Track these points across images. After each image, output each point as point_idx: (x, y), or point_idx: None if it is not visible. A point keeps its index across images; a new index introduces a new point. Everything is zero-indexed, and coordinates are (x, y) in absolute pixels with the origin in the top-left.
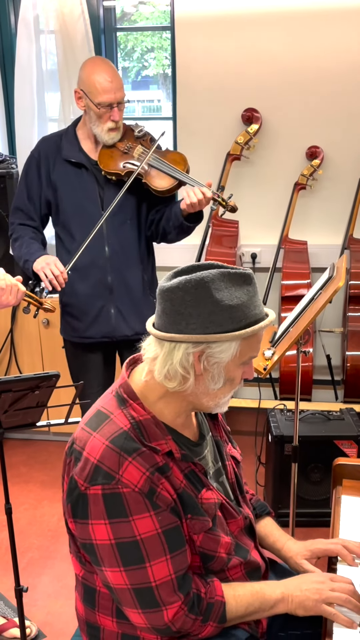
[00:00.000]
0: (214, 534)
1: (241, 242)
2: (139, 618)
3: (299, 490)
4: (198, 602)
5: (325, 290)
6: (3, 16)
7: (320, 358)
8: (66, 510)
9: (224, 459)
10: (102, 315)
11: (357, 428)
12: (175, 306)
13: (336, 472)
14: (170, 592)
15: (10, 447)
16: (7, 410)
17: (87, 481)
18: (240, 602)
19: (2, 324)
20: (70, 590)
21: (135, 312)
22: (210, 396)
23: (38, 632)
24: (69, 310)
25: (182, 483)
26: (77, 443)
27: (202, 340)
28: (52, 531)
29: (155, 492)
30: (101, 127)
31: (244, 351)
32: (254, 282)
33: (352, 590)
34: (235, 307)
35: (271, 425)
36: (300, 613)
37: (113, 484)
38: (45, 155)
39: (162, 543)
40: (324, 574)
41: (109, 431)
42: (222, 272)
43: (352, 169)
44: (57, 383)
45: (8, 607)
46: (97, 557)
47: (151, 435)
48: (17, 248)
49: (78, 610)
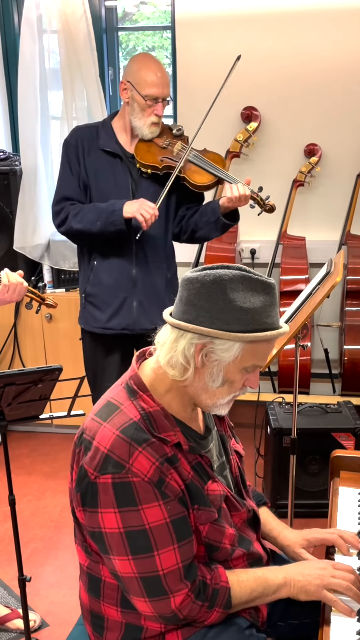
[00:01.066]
0: (219, 525)
1: (240, 237)
2: (145, 606)
3: (297, 482)
4: (204, 588)
5: (323, 285)
6: (7, 16)
7: (318, 352)
8: (75, 499)
9: (228, 453)
10: (124, 307)
11: (354, 421)
12: (191, 296)
13: (334, 464)
14: (177, 580)
15: (14, 440)
16: (10, 403)
17: (97, 470)
18: (244, 587)
19: (6, 318)
20: (72, 580)
21: (156, 307)
22: (208, 394)
23: (41, 622)
24: (92, 300)
25: (189, 474)
26: (87, 433)
27: (206, 333)
28: (55, 522)
29: (165, 482)
30: (144, 120)
31: (246, 357)
32: (273, 293)
33: (353, 579)
34: (246, 310)
35: (270, 417)
36: (302, 598)
37: (123, 473)
38: (81, 143)
39: (170, 532)
40: (326, 561)
41: (120, 421)
42: (243, 275)
43: (349, 166)
44: (59, 376)
45: (12, 597)
46: (105, 545)
47: (160, 427)
48: (86, 214)
49: (82, 599)
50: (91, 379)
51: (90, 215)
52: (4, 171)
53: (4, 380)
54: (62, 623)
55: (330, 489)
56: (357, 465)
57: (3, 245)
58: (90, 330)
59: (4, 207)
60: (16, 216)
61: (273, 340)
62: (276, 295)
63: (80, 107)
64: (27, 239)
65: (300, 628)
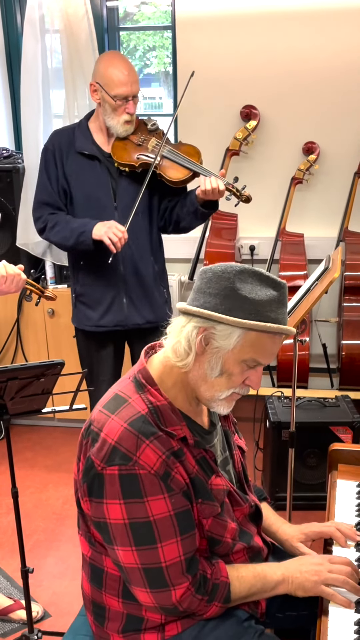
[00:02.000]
0: (222, 519)
1: (240, 234)
2: (147, 597)
3: (296, 475)
4: (204, 583)
5: (321, 281)
6: (10, 16)
7: (317, 347)
8: (81, 490)
9: (231, 448)
10: (115, 304)
11: (352, 414)
12: (202, 285)
13: (332, 457)
14: (179, 573)
15: (17, 433)
16: (13, 397)
17: (104, 461)
18: (244, 583)
19: (9, 313)
20: (74, 571)
21: (146, 301)
22: (207, 385)
23: (44, 612)
24: (83, 299)
25: (194, 468)
26: (95, 425)
27: (207, 316)
28: (57, 514)
29: (170, 476)
30: (117, 120)
31: (246, 348)
32: (283, 292)
33: (350, 572)
34: (251, 300)
35: (269, 411)
36: (300, 594)
37: (130, 465)
38: (59, 147)
39: (173, 525)
40: (323, 556)
41: (127, 414)
42: (255, 271)
43: (347, 164)
44: (61, 371)
45: (14, 588)
46: (109, 535)
47: (167, 421)
48: (60, 231)
49: (84, 589)
50: (87, 374)
51: (63, 232)
52: (6, 169)
53: (7, 375)
54: (64, 614)
55: (329, 482)
56: (355, 458)
57: (6, 241)
58: (83, 328)
59: (7, 204)
60: (19, 213)
61: (277, 338)
62: (286, 295)
63: (82, 106)
64: (30, 235)
65: (298, 619)
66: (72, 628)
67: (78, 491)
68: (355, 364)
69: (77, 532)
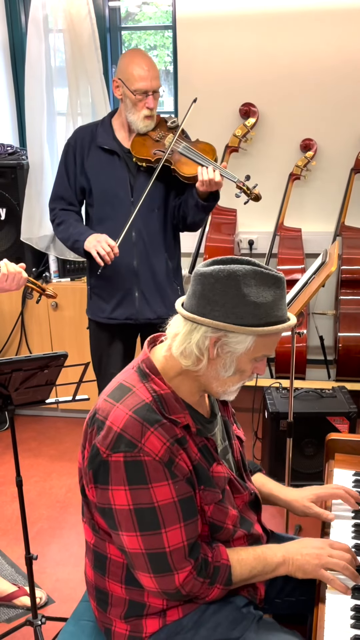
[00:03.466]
0: (223, 506)
1: (239, 229)
2: (150, 582)
3: (294, 464)
4: (205, 566)
5: (318, 275)
6: (14, 16)
7: (314, 339)
8: (86, 477)
9: (231, 438)
10: (127, 298)
11: (348, 405)
12: (205, 291)
13: (329, 446)
14: (182, 558)
15: (21, 423)
16: (18, 388)
17: (109, 449)
18: (244, 565)
19: (14, 307)
20: (77, 558)
21: (158, 297)
22: (219, 382)
23: (47, 599)
24: (97, 291)
25: (197, 456)
26: (100, 413)
27: (221, 327)
28: (61, 502)
29: (174, 462)
30: (137, 115)
31: (258, 347)
32: (283, 287)
33: (350, 559)
34: (259, 304)
35: (267, 402)
36: (300, 576)
37: (135, 451)
38: (80, 143)
39: (177, 511)
40: (324, 540)
41: (132, 402)
42: (255, 270)
43: (343, 161)
44: (65, 362)
45: (19, 575)
46: (114, 521)
47: (171, 409)
48: (62, 231)
49: (87, 575)
50: (96, 365)
51: (63, 233)
52: (11, 165)
53: (12, 366)
54: (67, 599)
55: (326, 471)
56: (351, 447)
57: (11, 236)
58: (96, 320)
59: (12, 199)
60: (23, 208)
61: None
62: (285, 288)
63: (84, 104)
64: (34, 230)
65: (296, 605)
66: (75, 613)
67: (83, 479)
68: (352, 355)
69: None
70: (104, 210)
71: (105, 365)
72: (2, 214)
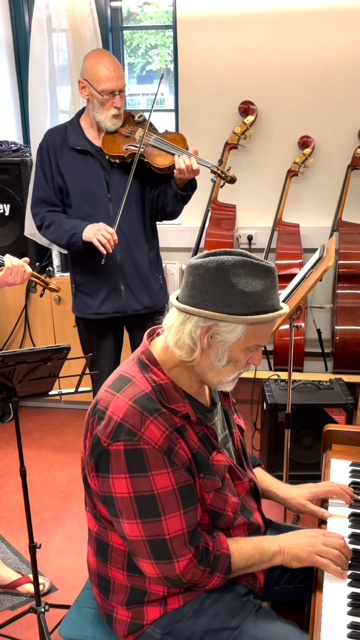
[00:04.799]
0: (223, 493)
1: (238, 224)
2: (151, 568)
3: (292, 455)
4: (206, 554)
5: (315, 270)
6: (18, 16)
7: (312, 332)
8: (88, 466)
9: (231, 427)
10: (114, 293)
11: (345, 397)
12: (196, 282)
13: (326, 437)
14: (182, 545)
15: (25, 415)
16: (21, 380)
17: (110, 437)
18: (243, 554)
19: (17, 301)
20: (79, 547)
21: (143, 288)
22: (214, 372)
23: (51, 586)
24: (82, 289)
25: (196, 444)
26: (101, 403)
27: (211, 317)
28: (63, 492)
29: (173, 451)
30: (105, 114)
31: (250, 337)
32: (274, 277)
33: (343, 545)
34: (248, 293)
35: (266, 394)
36: (295, 565)
37: (135, 440)
38: (52, 145)
39: (177, 499)
40: (317, 530)
41: (132, 392)
42: (245, 260)
43: (340, 157)
44: (67, 355)
45: (22, 563)
46: (115, 509)
47: (170, 398)
48: (54, 230)
49: (90, 563)
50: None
51: (57, 232)
52: (15, 162)
53: (16, 359)
54: (70, 587)
55: (323, 461)
56: (348, 438)
57: (15, 231)
58: (84, 317)
59: (16, 195)
60: (27, 204)
61: (274, 320)
62: (276, 278)
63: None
64: None
65: (294, 592)
66: (77, 600)
67: (85, 468)
68: (349, 348)
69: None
70: (82, 209)
71: (97, 359)
72: (7, 210)
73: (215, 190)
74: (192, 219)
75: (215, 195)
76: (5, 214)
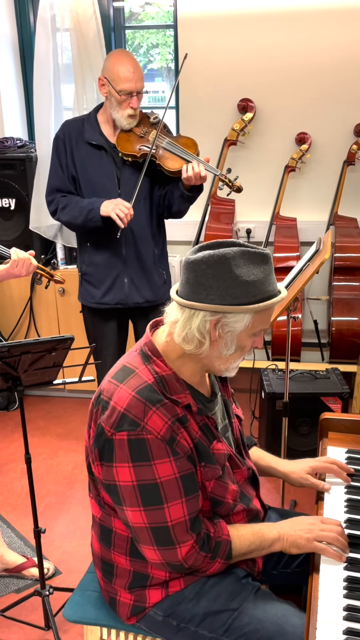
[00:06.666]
0: (223, 481)
1: (237, 218)
2: (154, 555)
3: (289, 442)
4: (207, 540)
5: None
6: (23, 16)
7: (308, 323)
8: (92, 455)
9: (230, 416)
10: (117, 284)
11: (341, 386)
12: (198, 277)
13: (322, 425)
14: (184, 531)
15: (30, 403)
16: (27, 370)
17: (113, 427)
18: (243, 540)
19: (23, 292)
20: (83, 532)
21: (146, 282)
22: (222, 360)
23: (55, 570)
24: (87, 278)
25: (197, 434)
26: (104, 394)
27: (219, 310)
28: (67, 479)
29: (175, 440)
30: (121, 113)
31: (256, 323)
32: (271, 262)
33: (340, 531)
34: (252, 283)
35: (264, 383)
36: (294, 551)
37: (138, 430)
38: (69, 136)
39: (179, 487)
40: (315, 517)
41: (135, 383)
42: (243, 250)
43: (336, 153)
44: (71, 345)
45: (28, 547)
46: (119, 497)
47: (172, 389)
48: (70, 211)
49: (94, 548)
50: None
51: (73, 211)
52: (20, 158)
53: (21, 349)
54: (73, 571)
55: (319, 448)
56: (344, 426)
57: (20, 225)
58: (88, 305)
59: (21, 190)
60: (32, 199)
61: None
62: (272, 263)
63: (90, 99)
64: (42, 219)
65: (292, 576)
66: (81, 584)
67: (89, 456)
68: (344, 338)
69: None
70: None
71: (101, 347)
72: (12, 204)
73: (215, 185)
74: (192, 213)
75: (215, 189)
76: (11, 208)
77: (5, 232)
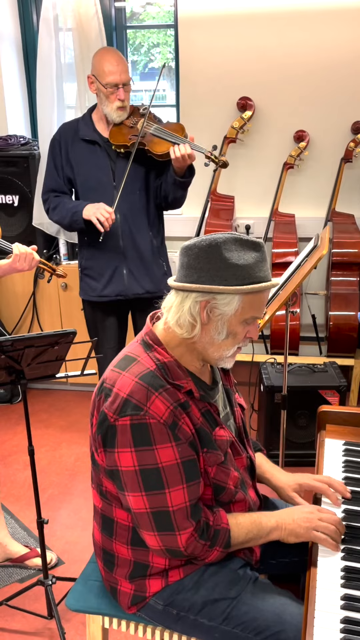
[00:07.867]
0: (225, 467)
1: (236, 215)
2: (154, 541)
3: (288, 434)
4: (207, 529)
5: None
6: (27, 15)
7: (307, 317)
8: (95, 443)
9: (232, 405)
10: (116, 276)
11: (339, 379)
12: (190, 261)
13: (320, 418)
14: (184, 518)
15: (33, 396)
16: (30, 363)
17: (116, 413)
18: (242, 529)
19: (26, 287)
20: (85, 522)
21: (145, 273)
22: (215, 347)
23: (57, 560)
24: (87, 272)
25: (199, 420)
26: (107, 382)
27: (208, 290)
28: (70, 470)
29: (178, 425)
30: (110, 107)
31: (246, 309)
32: (263, 250)
33: (338, 522)
34: (241, 266)
35: (263, 376)
36: (292, 540)
37: (141, 414)
38: (64, 138)
39: (180, 472)
40: (313, 506)
41: (138, 370)
42: (235, 236)
43: (334, 151)
44: (73, 339)
45: (31, 538)
46: (121, 482)
47: (174, 375)
48: (58, 211)
49: (95, 538)
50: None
51: (61, 212)
52: (24, 155)
53: (24, 343)
54: (76, 561)
55: (317, 441)
56: (341, 419)
57: (23, 221)
58: (89, 299)
59: (24, 187)
60: (35, 195)
61: (267, 291)
62: (265, 253)
63: (92, 97)
64: (45, 216)
65: (290, 565)
66: (83, 574)
67: (92, 445)
68: (342, 333)
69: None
70: (89, 196)
71: (102, 341)
72: (15, 200)
73: (215, 182)
74: (192, 210)
75: (215, 186)
76: (15, 204)
77: (8, 228)
